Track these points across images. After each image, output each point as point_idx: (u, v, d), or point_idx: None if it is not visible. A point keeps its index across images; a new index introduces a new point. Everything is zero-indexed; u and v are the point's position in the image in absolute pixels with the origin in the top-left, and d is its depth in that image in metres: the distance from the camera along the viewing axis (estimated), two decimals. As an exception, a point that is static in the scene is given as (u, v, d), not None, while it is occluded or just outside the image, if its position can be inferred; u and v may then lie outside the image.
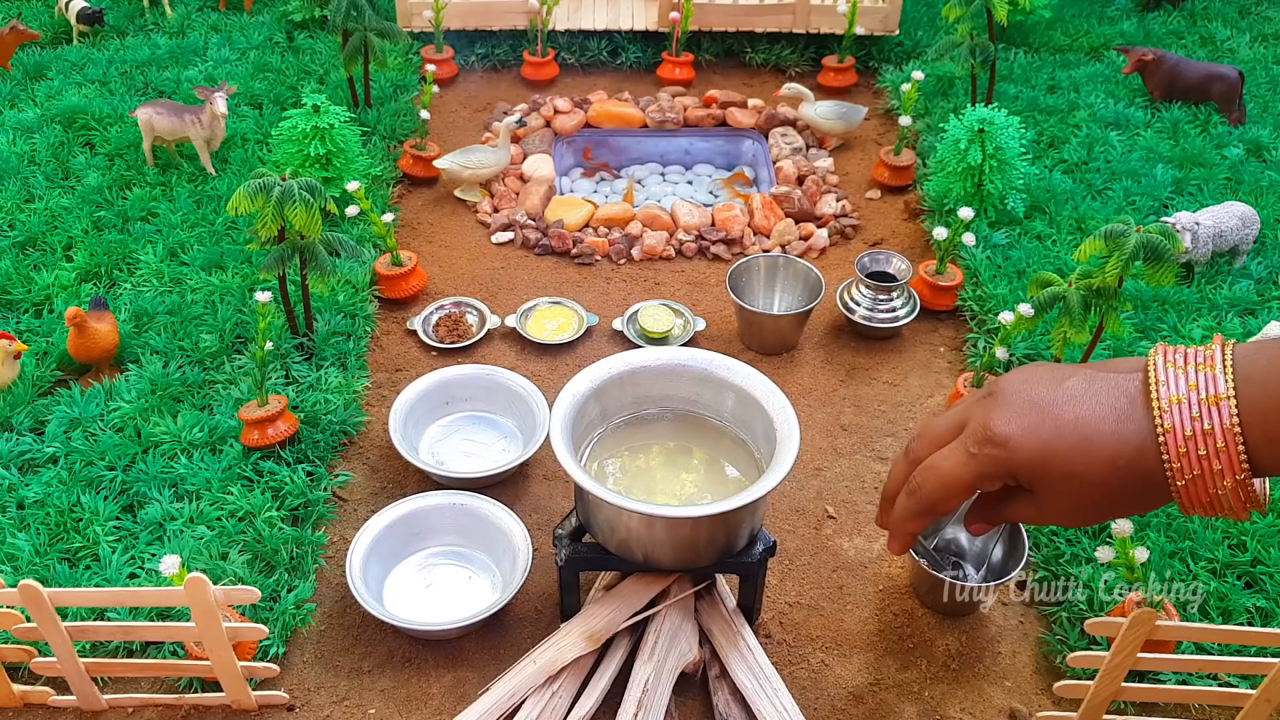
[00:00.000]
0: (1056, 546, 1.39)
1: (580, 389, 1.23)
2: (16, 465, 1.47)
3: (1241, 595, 1.32)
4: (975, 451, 0.57)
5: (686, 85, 2.47)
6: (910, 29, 2.56)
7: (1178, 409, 0.52)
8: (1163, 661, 1.10)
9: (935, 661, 1.30)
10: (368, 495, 1.50)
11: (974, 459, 0.57)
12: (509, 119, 2.12)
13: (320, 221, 1.51)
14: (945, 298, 1.81)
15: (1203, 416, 0.52)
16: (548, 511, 1.48)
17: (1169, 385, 0.53)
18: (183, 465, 1.46)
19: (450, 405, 1.61)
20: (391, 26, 2.13)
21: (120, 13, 2.60)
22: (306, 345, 1.67)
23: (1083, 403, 0.54)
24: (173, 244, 1.87)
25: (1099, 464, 0.53)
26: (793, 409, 1.19)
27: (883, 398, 1.68)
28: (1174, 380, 0.53)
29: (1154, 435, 0.53)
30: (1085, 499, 0.55)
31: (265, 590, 1.31)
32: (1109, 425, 0.53)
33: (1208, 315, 1.76)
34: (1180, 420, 0.52)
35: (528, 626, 1.28)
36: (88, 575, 1.33)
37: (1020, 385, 0.57)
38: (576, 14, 2.54)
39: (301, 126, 1.92)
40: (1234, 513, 0.54)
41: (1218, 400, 0.52)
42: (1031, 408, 0.55)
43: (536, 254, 1.97)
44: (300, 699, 1.24)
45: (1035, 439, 0.54)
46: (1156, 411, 0.53)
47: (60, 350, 1.63)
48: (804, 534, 1.46)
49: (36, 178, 2.02)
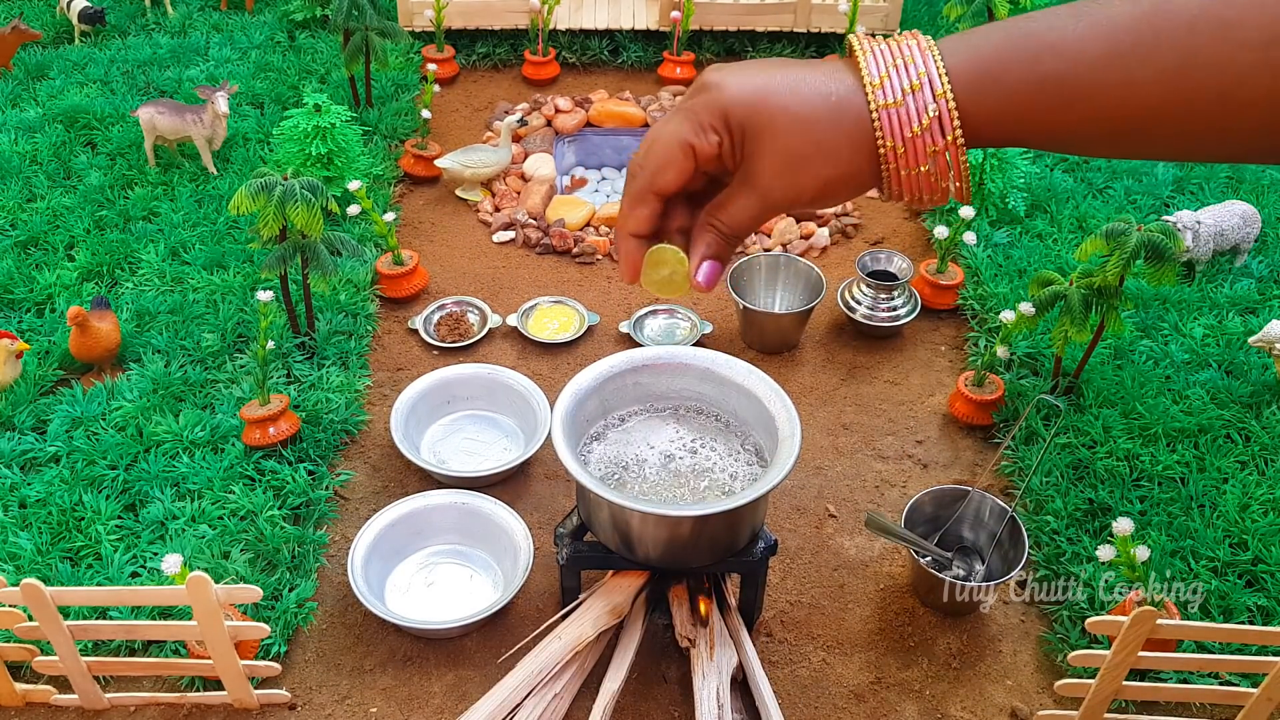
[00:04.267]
0: (1057, 545, 1.39)
1: (582, 387, 1.23)
2: (19, 464, 1.47)
3: (1242, 594, 1.32)
4: (689, 104, 0.56)
5: (688, 84, 2.46)
6: (911, 28, 2.55)
7: (874, 45, 0.54)
8: (1164, 660, 1.10)
9: (936, 660, 1.30)
10: (369, 494, 1.50)
11: (688, 110, 0.55)
12: (510, 118, 2.12)
13: (322, 221, 1.51)
14: (946, 297, 1.81)
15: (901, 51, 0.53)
16: (549, 510, 1.48)
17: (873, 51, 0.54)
18: (184, 464, 1.46)
19: (451, 404, 1.61)
20: (393, 26, 2.14)
21: (122, 12, 2.60)
22: (308, 344, 1.67)
23: (793, 66, 0.55)
24: (174, 243, 1.87)
25: (812, 96, 0.53)
26: (794, 407, 1.19)
27: (884, 396, 1.68)
28: (876, 48, 0.55)
29: (861, 87, 0.53)
30: (798, 140, 0.53)
31: (267, 589, 1.31)
32: (821, 72, 0.54)
33: (1209, 314, 1.76)
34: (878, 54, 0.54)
35: (529, 625, 1.28)
36: (90, 574, 1.33)
37: (729, 66, 0.57)
38: (577, 13, 2.54)
39: (303, 126, 1.93)
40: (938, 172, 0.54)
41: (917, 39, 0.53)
42: (746, 67, 0.56)
43: (538, 253, 1.97)
44: (302, 698, 1.25)
45: (750, 81, 0.54)
46: (857, 43, 0.54)
47: (62, 349, 1.63)
48: (805, 533, 1.46)
49: (38, 177, 2.02)
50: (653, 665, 1.27)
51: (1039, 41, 0.50)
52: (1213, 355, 1.67)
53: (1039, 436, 1.54)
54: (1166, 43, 0.48)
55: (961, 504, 1.37)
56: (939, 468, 1.56)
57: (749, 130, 0.54)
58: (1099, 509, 1.43)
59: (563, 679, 1.19)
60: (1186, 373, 1.64)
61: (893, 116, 0.52)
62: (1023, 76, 0.51)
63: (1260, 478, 1.47)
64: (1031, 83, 0.51)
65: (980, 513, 1.37)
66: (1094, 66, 0.49)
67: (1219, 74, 0.47)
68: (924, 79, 0.52)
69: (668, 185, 0.57)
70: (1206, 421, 1.54)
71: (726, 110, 0.54)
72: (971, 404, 1.58)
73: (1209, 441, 1.52)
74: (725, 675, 1.18)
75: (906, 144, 0.53)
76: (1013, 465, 1.52)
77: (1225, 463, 1.49)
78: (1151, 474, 1.47)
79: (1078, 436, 1.53)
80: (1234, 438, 1.54)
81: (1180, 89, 0.48)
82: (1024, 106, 0.52)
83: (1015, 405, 1.59)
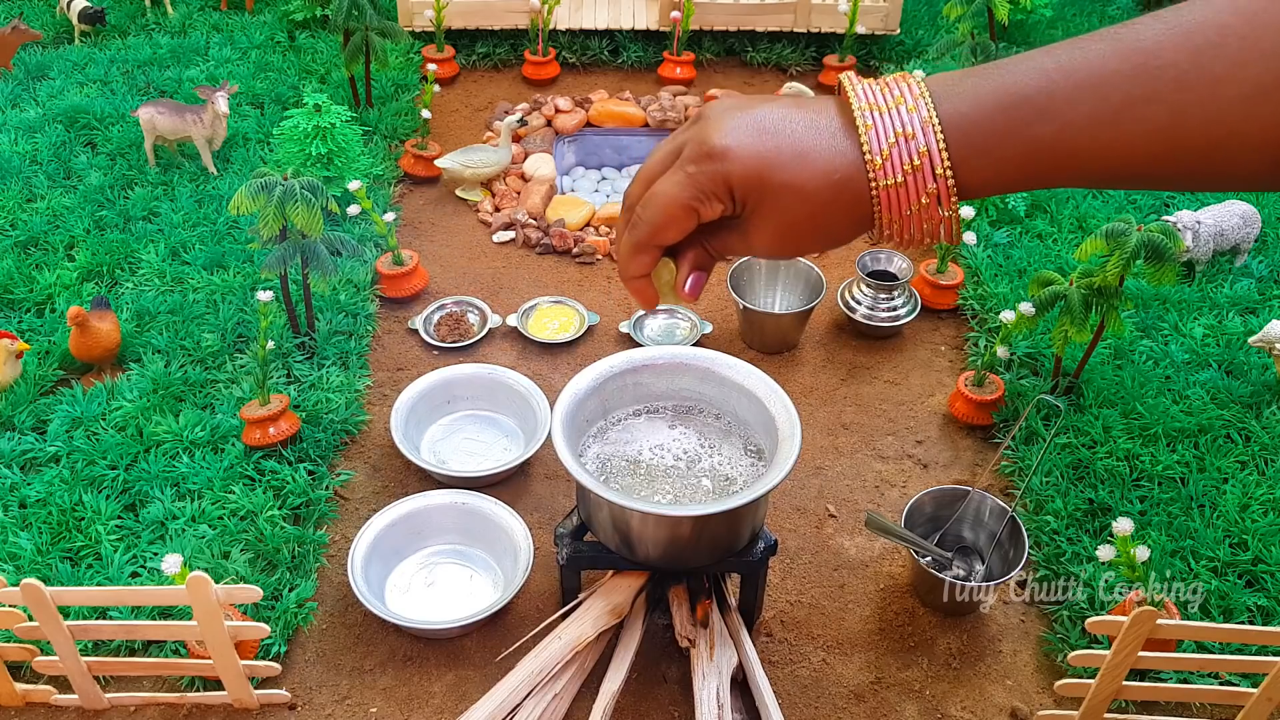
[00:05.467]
0: (1057, 545, 1.39)
1: (582, 387, 1.23)
2: (19, 464, 1.47)
3: (1242, 594, 1.32)
4: (694, 170, 0.55)
5: (688, 84, 2.47)
6: (911, 28, 2.56)
7: (877, 115, 0.53)
8: (1164, 660, 1.10)
9: (936, 660, 1.30)
10: (369, 494, 1.50)
11: (692, 178, 0.55)
12: (510, 118, 2.12)
13: (322, 221, 1.51)
14: (946, 297, 1.81)
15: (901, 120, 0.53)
16: (549, 510, 1.48)
17: (867, 95, 0.54)
18: (184, 464, 1.46)
19: (452, 404, 1.61)
20: (393, 26, 2.14)
21: (122, 12, 2.60)
22: (308, 344, 1.67)
23: (796, 121, 0.55)
24: (174, 243, 1.87)
25: (816, 175, 0.54)
26: (794, 408, 1.19)
27: (884, 396, 1.68)
28: (871, 93, 0.54)
29: (863, 163, 0.54)
30: (797, 214, 0.55)
31: (267, 589, 1.31)
32: (824, 139, 0.54)
33: (1209, 314, 1.76)
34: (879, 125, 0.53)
35: (529, 625, 1.28)
36: (90, 574, 1.33)
37: (732, 106, 0.57)
38: (577, 13, 2.54)
39: (303, 126, 1.93)
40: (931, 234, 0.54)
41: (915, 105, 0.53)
42: (747, 124, 0.55)
43: (538, 253, 1.97)
44: (302, 698, 1.25)
45: (755, 150, 0.54)
46: (858, 114, 0.54)
47: (62, 349, 1.63)
48: (805, 533, 1.46)
49: (38, 177, 2.02)
50: (653, 665, 1.27)
51: (1030, 108, 0.50)
52: (1213, 355, 1.67)
53: (1039, 436, 1.54)
54: (1157, 100, 0.48)
55: (961, 504, 1.37)
56: (939, 468, 1.56)
57: (751, 201, 0.55)
58: (1099, 509, 1.43)
59: (563, 679, 1.19)
60: (1186, 373, 1.64)
61: (893, 195, 0.53)
62: (1016, 146, 0.51)
63: (1260, 478, 1.47)
64: (1026, 150, 0.51)
65: (980, 513, 1.37)
66: (1086, 128, 0.50)
67: (1210, 128, 0.48)
68: (925, 158, 0.52)
69: (669, 240, 0.58)
70: (1206, 421, 1.54)
71: (731, 183, 0.55)
72: (971, 404, 1.58)
73: (1209, 441, 1.52)
74: (725, 675, 1.18)
75: (904, 219, 0.54)
76: (1013, 465, 1.52)
77: (1225, 463, 1.49)
78: (1151, 474, 1.47)
79: (1078, 436, 1.53)
80: (1234, 438, 1.54)
81: (1171, 143, 0.49)
82: (1017, 171, 0.52)
83: (1015, 405, 1.59)
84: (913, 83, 0.54)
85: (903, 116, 0.53)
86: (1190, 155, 0.49)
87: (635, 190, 0.59)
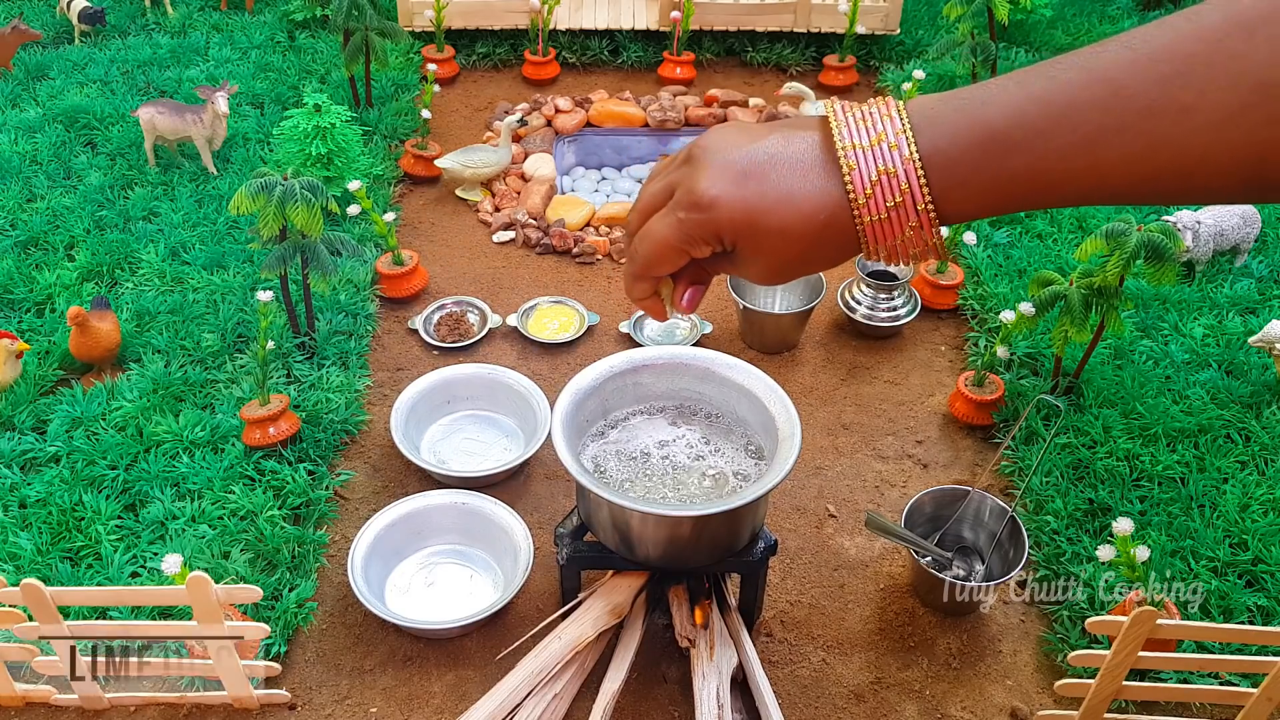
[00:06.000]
0: (1057, 545, 1.39)
1: (582, 387, 1.23)
2: (19, 464, 1.47)
3: (1242, 594, 1.32)
4: (683, 217, 0.58)
5: (688, 84, 2.47)
6: (911, 28, 2.56)
7: (859, 155, 0.55)
8: (1164, 660, 1.10)
9: (936, 660, 1.30)
10: (369, 494, 1.50)
11: (682, 224, 0.58)
12: (510, 118, 2.12)
13: (322, 221, 1.51)
14: (946, 297, 1.81)
15: (883, 157, 0.55)
16: (549, 510, 1.48)
17: (851, 134, 0.56)
18: (184, 464, 1.46)
19: (452, 404, 1.61)
20: (393, 26, 2.14)
21: (122, 12, 2.60)
22: (308, 344, 1.67)
23: (782, 162, 0.57)
24: (174, 243, 1.87)
25: (802, 219, 0.56)
26: (794, 408, 1.19)
27: (884, 396, 1.68)
28: (854, 130, 0.56)
29: (848, 200, 0.55)
30: (786, 254, 0.57)
31: (267, 589, 1.31)
32: (809, 183, 0.56)
33: (1209, 314, 1.76)
34: (862, 165, 0.55)
35: (529, 625, 1.28)
36: (90, 574, 1.33)
37: (720, 146, 0.58)
38: (577, 13, 2.54)
39: (303, 126, 1.93)
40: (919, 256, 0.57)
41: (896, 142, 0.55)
42: (734, 169, 0.57)
43: (538, 253, 1.97)
44: (302, 698, 1.25)
45: (740, 199, 0.56)
46: (841, 155, 0.55)
47: (62, 349, 1.63)
48: (805, 533, 1.46)
49: (38, 177, 2.02)
50: (653, 665, 1.27)
51: (1005, 141, 0.52)
52: (1213, 355, 1.67)
53: (1039, 436, 1.54)
54: (1127, 129, 0.49)
55: (961, 504, 1.37)
56: (939, 468, 1.56)
57: (740, 244, 0.58)
58: (1099, 509, 1.43)
59: (563, 679, 1.19)
60: (1186, 373, 1.64)
61: (878, 229, 0.55)
62: (993, 177, 0.53)
63: (1260, 478, 1.47)
64: (1002, 180, 0.53)
65: (980, 513, 1.37)
66: (1059, 158, 0.51)
67: (1180, 155, 0.49)
68: (906, 195, 0.54)
69: (663, 272, 0.63)
70: (1206, 421, 1.54)
71: (719, 231, 0.57)
72: (971, 404, 1.58)
73: (1209, 441, 1.52)
74: (725, 675, 1.18)
75: (889, 249, 0.56)
76: (1013, 465, 1.52)
77: (1225, 463, 1.49)
78: (1151, 474, 1.47)
79: (1078, 436, 1.53)
80: (1234, 438, 1.54)
81: (1143, 170, 0.50)
82: (996, 200, 0.54)
83: (1015, 405, 1.59)
84: (895, 115, 0.55)
85: (884, 154, 0.55)
86: (1163, 180, 0.50)
87: (634, 221, 0.63)
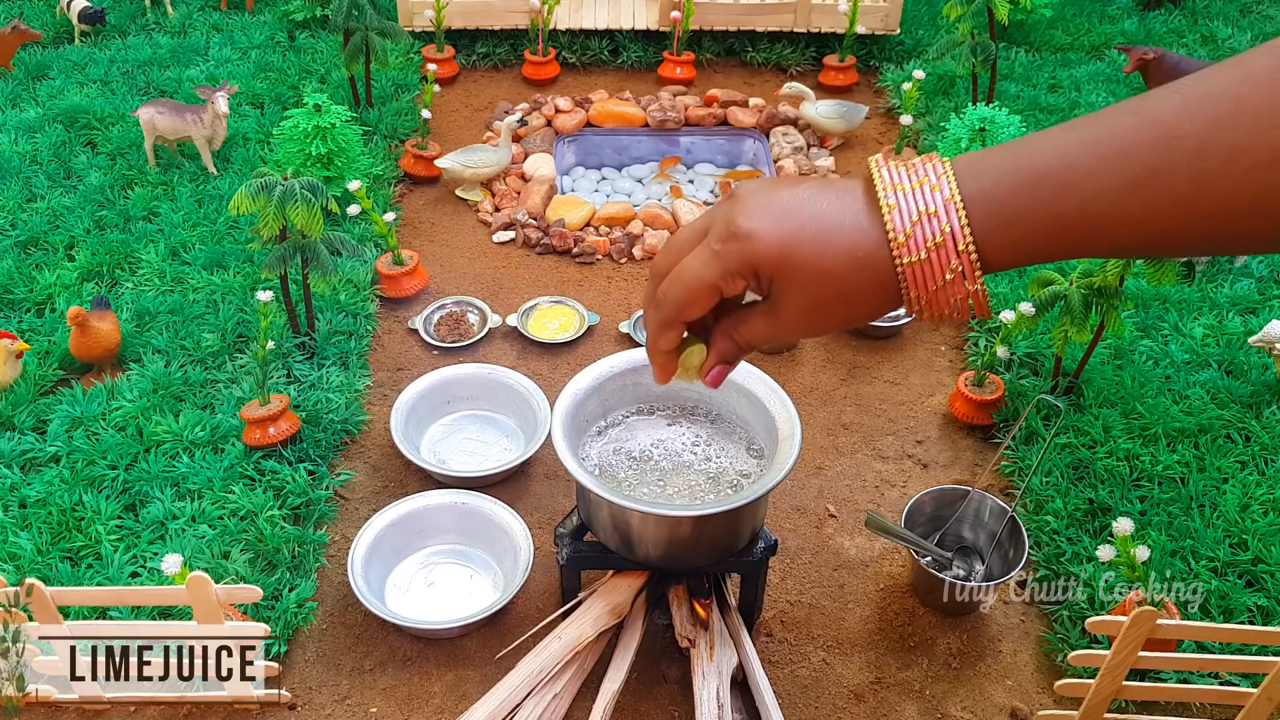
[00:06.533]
0: (1057, 545, 1.39)
1: (582, 387, 1.23)
2: (19, 464, 1.47)
3: (1242, 594, 1.32)
4: (719, 248, 0.57)
5: (688, 84, 2.47)
6: (911, 28, 2.56)
7: (900, 195, 0.55)
8: (1164, 660, 1.10)
9: (936, 660, 1.30)
10: (369, 494, 1.50)
11: (718, 256, 0.57)
12: (510, 118, 2.12)
13: (322, 221, 1.51)
14: (946, 297, 1.81)
15: (924, 198, 0.54)
16: (549, 510, 1.48)
17: (891, 177, 0.56)
18: (184, 464, 1.46)
19: (452, 404, 1.61)
20: (393, 26, 2.14)
21: (122, 12, 2.60)
22: (308, 344, 1.67)
23: (821, 202, 0.56)
24: (174, 243, 1.87)
25: (839, 255, 0.55)
26: (794, 408, 1.19)
27: (884, 396, 1.68)
28: (895, 174, 0.56)
29: (886, 240, 0.55)
30: (823, 294, 0.56)
31: (267, 589, 1.31)
32: (848, 219, 0.56)
33: (1209, 314, 1.76)
34: (903, 204, 0.54)
35: (529, 625, 1.28)
36: (90, 574, 1.33)
37: (759, 188, 0.58)
38: (577, 13, 2.54)
39: (303, 126, 1.93)
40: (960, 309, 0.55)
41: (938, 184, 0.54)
42: (773, 205, 0.57)
43: (538, 253, 1.97)
44: (302, 697, 1.25)
45: (778, 231, 0.56)
46: (881, 194, 0.55)
47: (62, 349, 1.63)
48: (805, 533, 1.46)
49: (38, 177, 2.02)
50: (653, 665, 1.27)
51: (1054, 183, 0.51)
52: (1213, 355, 1.67)
53: (1039, 436, 1.54)
54: (1178, 171, 0.48)
55: (961, 504, 1.37)
56: (939, 468, 1.56)
57: (776, 280, 0.57)
58: (1099, 509, 1.43)
59: (563, 679, 1.19)
60: (1186, 373, 1.64)
61: (917, 272, 0.54)
62: (1041, 221, 0.52)
63: (1260, 478, 1.47)
64: (1050, 224, 0.51)
65: (980, 513, 1.37)
66: (1111, 201, 0.50)
67: (1231, 197, 0.48)
68: (947, 235, 0.53)
69: (692, 316, 0.60)
70: (1206, 421, 1.54)
71: (756, 264, 0.56)
72: (971, 404, 1.58)
73: (1209, 441, 1.52)
74: (725, 675, 1.18)
75: (931, 295, 0.55)
76: (1013, 465, 1.52)
77: (1225, 463, 1.49)
78: (1151, 474, 1.47)
79: (1078, 436, 1.53)
80: (1234, 438, 1.54)
81: (1194, 213, 0.49)
82: (1041, 244, 0.53)
83: (1015, 405, 1.59)
84: (937, 163, 0.55)
85: (926, 195, 0.54)
86: (1214, 223, 0.49)
87: (663, 261, 0.61)
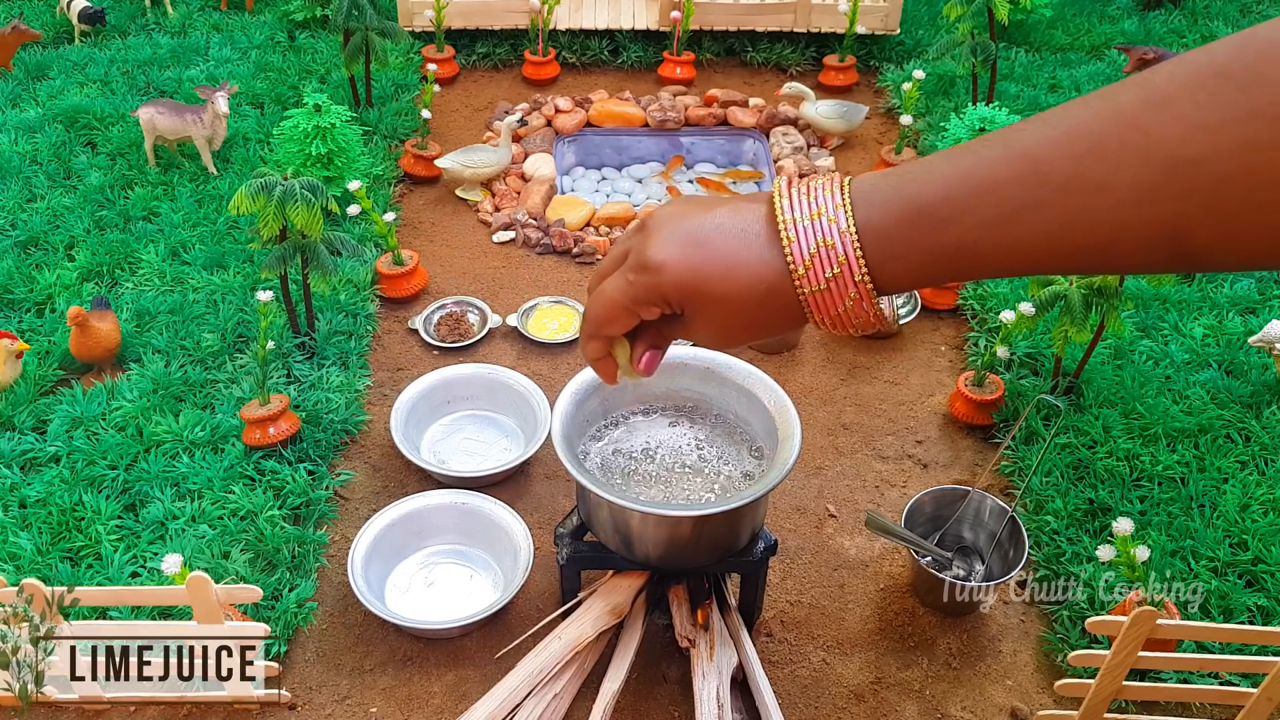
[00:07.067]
0: (1057, 545, 1.39)
1: (582, 387, 1.23)
2: (19, 464, 1.47)
3: (1242, 594, 1.32)
4: (632, 279, 0.61)
5: (688, 84, 2.47)
6: (911, 28, 2.56)
7: (800, 228, 0.58)
8: (1164, 660, 1.10)
9: (936, 660, 1.30)
10: (369, 494, 1.50)
11: (631, 286, 0.61)
12: (510, 118, 2.12)
13: (322, 221, 1.51)
14: (946, 297, 1.81)
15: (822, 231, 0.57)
16: (549, 510, 1.48)
17: (791, 208, 0.58)
18: (184, 464, 1.46)
19: (451, 404, 1.61)
20: (393, 26, 2.14)
21: (122, 12, 2.60)
22: (308, 344, 1.67)
23: (728, 233, 0.59)
24: (174, 243, 1.87)
25: (743, 286, 0.58)
26: (794, 408, 1.19)
27: (884, 397, 1.68)
28: (795, 204, 0.58)
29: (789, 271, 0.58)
30: (730, 320, 0.60)
31: (267, 589, 1.31)
32: (752, 253, 0.59)
33: (1209, 314, 1.76)
34: (802, 238, 0.57)
35: (529, 625, 1.28)
36: (90, 574, 1.33)
37: (672, 216, 0.61)
38: (577, 13, 2.54)
39: (303, 126, 1.93)
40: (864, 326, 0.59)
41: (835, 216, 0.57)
42: (683, 237, 0.60)
43: (538, 253, 1.97)
44: (302, 697, 1.25)
45: (686, 263, 0.59)
46: (782, 228, 0.58)
47: (62, 349, 1.63)
48: (805, 533, 1.46)
49: (38, 177, 2.02)
50: (653, 665, 1.27)
51: (933, 217, 0.53)
52: (1213, 355, 1.67)
53: (1039, 436, 1.54)
54: (1045, 206, 0.50)
55: (961, 504, 1.37)
56: (939, 468, 1.56)
57: (687, 307, 0.60)
58: (1099, 509, 1.43)
59: (563, 679, 1.19)
60: (1186, 373, 1.64)
61: (820, 299, 0.57)
62: (924, 250, 0.54)
63: (1260, 478, 1.47)
64: (935, 254, 0.54)
65: (980, 513, 1.37)
66: (983, 233, 0.52)
67: (1097, 231, 0.49)
68: (844, 265, 0.56)
69: (614, 332, 0.65)
70: (1206, 421, 1.54)
71: (665, 295, 0.60)
72: (971, 404, 1.58)
73: (1209, 441, 1.52)
74: (725, 675, 1.18)
75: (834, 317, 0.58)
76: (1013, 465, 1.52)
77: (1225, 463, 1.49)
78: (1151, 474, 1.47)
79: (1078, 436, 1.53)
80: (1234, 438, 1.54)
81: (1064, 244, 0.51)
82: (928, 271, 0.56)
83: (1015, 405, 1.59)
84: (835, 190, 0.57)
85: (823, 227, 0.57)
86: (1083, 254, 0.51)
87: (593, 282, 0.65)
